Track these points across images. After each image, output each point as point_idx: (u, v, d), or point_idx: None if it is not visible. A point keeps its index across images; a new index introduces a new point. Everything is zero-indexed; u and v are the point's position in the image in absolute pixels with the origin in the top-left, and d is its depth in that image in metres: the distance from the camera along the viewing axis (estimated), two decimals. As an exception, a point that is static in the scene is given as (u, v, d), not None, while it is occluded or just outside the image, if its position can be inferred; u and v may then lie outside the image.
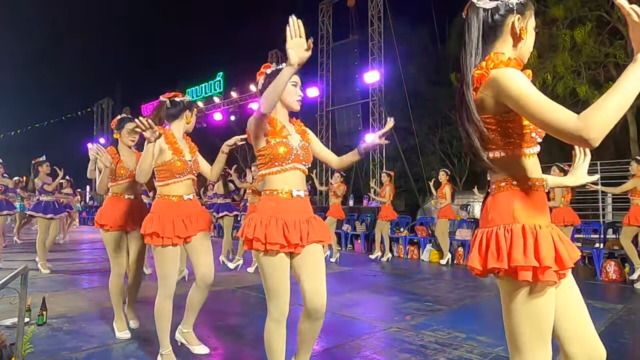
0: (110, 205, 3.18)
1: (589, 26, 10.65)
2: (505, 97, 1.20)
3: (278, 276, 1.92)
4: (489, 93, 1.25)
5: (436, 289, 5.15)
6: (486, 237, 1.28)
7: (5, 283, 1.90)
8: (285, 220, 1.91)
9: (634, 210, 5.34)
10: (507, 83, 1.19)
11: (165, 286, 2.48)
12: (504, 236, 1.24)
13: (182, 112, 2.64)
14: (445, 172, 7.40)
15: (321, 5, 14.08)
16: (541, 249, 1.19)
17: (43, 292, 4.64)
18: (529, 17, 1.34)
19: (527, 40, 1.35)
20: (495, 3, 1.33)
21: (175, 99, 2.63)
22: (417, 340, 3.14)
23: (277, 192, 1.95)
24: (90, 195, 24.85)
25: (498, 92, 1.22)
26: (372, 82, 12.20)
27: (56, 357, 2.72)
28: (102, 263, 7.19)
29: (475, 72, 1.30)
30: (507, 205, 1.28)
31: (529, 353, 1.23)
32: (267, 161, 1.96)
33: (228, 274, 6.02)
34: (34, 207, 6.24)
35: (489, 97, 1.26)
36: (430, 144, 17.62)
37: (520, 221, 1.25)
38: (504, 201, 1.29)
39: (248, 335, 3.31)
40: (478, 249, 1.30)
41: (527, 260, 1.18)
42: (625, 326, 3.62)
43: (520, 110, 1.17)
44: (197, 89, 17.64)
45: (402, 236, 8.41)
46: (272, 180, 1.97)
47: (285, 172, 1.96)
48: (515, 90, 1.17)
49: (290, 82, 1.96)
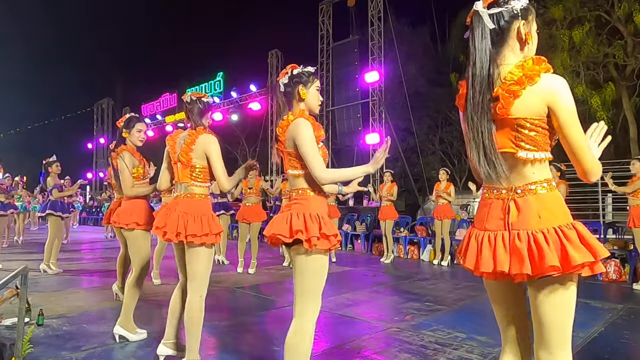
0: (135, 205, 3.13)
1: (587, 26, 10.66)
2: (558, 107, 1.27)
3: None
4: (541, 96, 1.28)
5: (436, 289, 5.15)
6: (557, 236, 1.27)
7: (5, 283, 1.90)
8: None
9: (636, 211, 5.27)
10: (563, 93, 1.27)
11: (204, 287, 2.43)
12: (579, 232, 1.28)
13: (207, 113, 2.63)
14: (445, 171, 7.39)
15: (321, 5, 14.08)
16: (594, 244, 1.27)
17: (43, 292, 4.65)
18: (532, 22, 1.38)
19: (532, 44, 1.39)
20: (500, 9, 1.35)
21: (203, 99, 2.61)
22: (417, 340, 3.14)
23: (322, 193, 1.96)
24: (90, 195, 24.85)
25: (553, 100, 1.27)
26: (372, 82, 12.20)
27: (56, 357, 2.72)
28: (102, 263, 7.19)
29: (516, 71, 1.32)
30: (557, 204, 1.33)
31: (568, 345, 1.32)
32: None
33: (228, 274, 6.02)
34: (51, 206, 6.16)
35: (541, 100, 1.29)
36: (430, 144, 17.63)
37: (571, 220, 1.32)
38: (554, 201, 1.33)
39: (248, 335, 3.31)
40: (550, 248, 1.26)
41: (603, 253, 1.26)
42: (625, 326, 3.62)
43: (564, 126, 1.27)
44: (197, 89, 17.62)
45: (402, 236, 8.41)
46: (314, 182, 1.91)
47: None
48: (569, 106, 1.27)
49: (316, 87, 2.04)
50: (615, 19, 10.66)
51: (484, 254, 1.36)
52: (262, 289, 5.11)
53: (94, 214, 18.21)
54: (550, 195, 1.33)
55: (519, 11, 1.35)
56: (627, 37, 10.71)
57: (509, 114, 1.32)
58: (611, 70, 11.64)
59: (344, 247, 9.42)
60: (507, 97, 1.32)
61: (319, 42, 14.08)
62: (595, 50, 10.95)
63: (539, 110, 1.30)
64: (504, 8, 1.35)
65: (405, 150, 13.95)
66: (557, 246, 1.26)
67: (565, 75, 10.85)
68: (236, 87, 16.25)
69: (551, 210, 1.30)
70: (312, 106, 2.02)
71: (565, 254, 1.24)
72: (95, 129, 24.90)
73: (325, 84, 13.84)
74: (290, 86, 1.98)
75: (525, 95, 1.30)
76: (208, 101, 2.63)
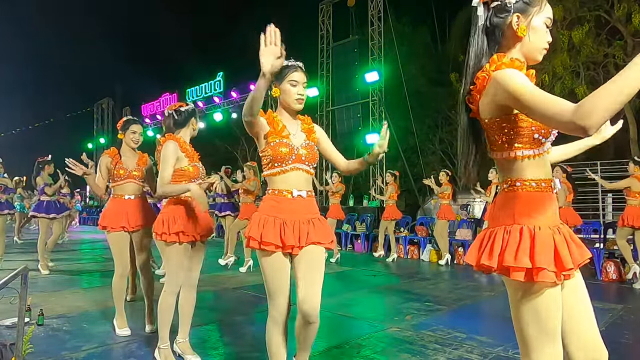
0: (112, 207, 3.22)
1: (587, 27, 10.65)
2: (504, 96, 1.21)
3: (277, 277, 1.91)
4: (491, 95, 1.26)
5: (436, 289, 5.15)
6: (488, 236, 1.32)
7: (5, 283, 1.90)
8: (285, 221, 1.90)
9: (629, 211, 5.34)
10: (505, 82, 1.20)
11: (172, 283, 2.55)
12: (502, 237, 1.27)
13: (188, 120, 2.74)
14: (445, 172, 7.40)
15: (321, 5, 14.07)
16: (536, 251, 1.21)
17: (43, 292, 4.65)
18: (534, 14, 1.31)
19: (533, 37, 1.32)
20: (495, 4, 1.33)
21: (181, 109, 2.73)
22: (417, 340, 3.14)
23: (278, 192, 1.94)
24: (90, 195, 24.83)
25: (498, 92, 1.23)
26: (372, 82, 12.20)
27: (56, 357, 2.72)
28: (102, 263, 7.19)
29: (479, 74, 1.31)
30: (509, 206, 1.30)
31: (535, 351, 1.24)
32: (269, 162, 1.96)
33: (228, 274, 6.02)
34: (36, 208, 6.20)
35: (491, 99, 1.27)
36: (430, 144, 17.60)
37: (519, 222, 1.26)
38: (506, 202, 1.32)
39: (248, 335, 3.31)
40: (479, 245, 1.34)
41: (518, 262, 1.20)
42: (625, 326, 3.62)
43: (519, 106, 1.18)
44: (197, 89, 17.60)
45: (402, 236, 8.41)
46: (273, 181, 1.97)
47: (286, 173, 1.94)
48: (512, 87, 1.18)
49: (289, 81, 1.94)
50: (615, 19, 10.65)
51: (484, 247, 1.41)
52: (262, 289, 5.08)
53: (94, 214, 18.21)
54: (507, 195, 1.32)
55: (512, 5, 1.30)
56: (627, 37, 10.71)
57: (478, 116, 1.33)
58: (611, 70, 11.61)
59: (344, 247, 9.42)
60: (474, 101, 1.33)
61: (319, 42, 14.06)
62: (595, 50, 10.93)
63: (493, 110, 1.27)
64: (499, 2, 1.32)
65: (405, 150, 13.94)
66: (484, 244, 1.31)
67: (565, 76, 10.86)
68: (236, 87, 16.24)
69: (503, 210, 1.31)
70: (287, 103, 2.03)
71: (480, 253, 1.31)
72: (95, 129, 24.88)
73: (325, 84, 13.84)
74: None
75: (483, 97, 1.29)
76: (187, 109, 2.74)
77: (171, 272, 2.56)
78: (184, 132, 2.72)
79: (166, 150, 2.51)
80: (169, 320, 2.57)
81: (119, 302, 3.21)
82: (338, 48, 13.43)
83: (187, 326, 2.72)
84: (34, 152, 7.23)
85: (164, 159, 2.49)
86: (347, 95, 13.11)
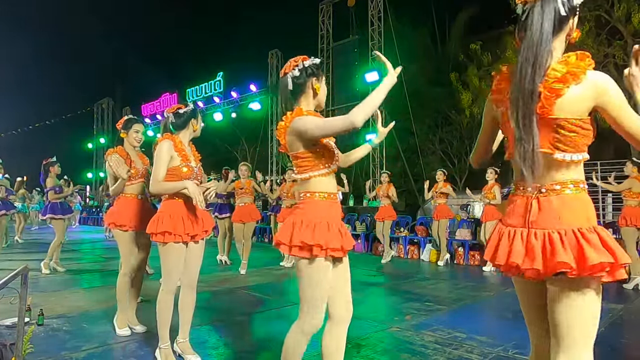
0: (125, 206, 3.18)
1: (587, 26, 10.65)
2: (609, 105, 1.23)
3: (326, 286, 1.83)
4: (587, 95, 1.25)
5: (436, 289, 5.15)
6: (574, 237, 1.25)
7: (5, 283, 1.90)
8: (338, 225, 1.85)
9: (629, 211, 5.29)
10: (615, 90, 1.24)
11: (168, 282, 2.55)
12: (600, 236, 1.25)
13: (188, 122, 2.72)
14: (442, 172, 7.36)
15: (321, 5, 14.08)
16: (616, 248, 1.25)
17: (43, 292, 4.65)
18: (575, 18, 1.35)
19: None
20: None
21: (179, 111, 2.71)
22: (417, 340, 3.14)
23: (327, 195, 1.82)
24: (90, 195, 24.85)
25: (603, 99, 1.24)
26: (372, 82, 12.20)
27: (56, 357, 2.72)
28: (102, 263, 7.19)
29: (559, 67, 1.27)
30: (579, 207, 1.29)
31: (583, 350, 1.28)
32: (316, 163, 1.79)
33: (228, 274, 6.02)
34: (51, 210, 6.14)
35: (584, 99, 1.25)
36: (430, 144, 17.59)
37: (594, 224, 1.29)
38: (578, 203, 1.30)
39: (248, 335, 3.31)
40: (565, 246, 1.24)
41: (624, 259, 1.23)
42: (625, 326, 3.63)
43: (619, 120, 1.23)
44: (197, 89, 17.62)
45: (402, 236, 8.41)
46: (321, 183, 1.82)
47: (331, 174, 1.85)
48: (622, 99, 1.23)
49: (324, 82, 1.94)
50: (615, 19, 10.65)
51: (501, 246, 1.36)
52: (262, 289, 5.11)
53: (94, 214, 18.22)
54: (574, 196, 1.29)
55: (577, 5, 1.30)
56: (627, 37, 10.71)
57: (550, 113, 1.27)
58: (611, 70, 11.61)
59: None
60: (549, 96, 1.26)
61: (319, 42, 14.08)
62: (595, 50, 10.94)
63: (583, 111, 1.25)
64: None
65: (405, 150, 13.94)
66: (573, 246, 1.24)
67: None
68: (236, 87, 16.24)
69: (573, 212, 1.27)
70: (322, 101, 1.94)
71: (582, 254, 1.22)
72: (95, 129, 24.90)
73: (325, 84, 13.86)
74: (302, 79, 1.84)
75: (569, 95, 1.25)
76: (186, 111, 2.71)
77: (167, 272, 2.55)
78: (183, 133, 2.72)
79: (160, 149, 2.52)
80: (167, 319, 2.57)
81: (122, 301, 3.21)
82: (338, 48, 13.45)
83: (187, 326, 2.72)
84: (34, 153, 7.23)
85: (158, 157, 2.50)
86: (347, 95, 13.13)
